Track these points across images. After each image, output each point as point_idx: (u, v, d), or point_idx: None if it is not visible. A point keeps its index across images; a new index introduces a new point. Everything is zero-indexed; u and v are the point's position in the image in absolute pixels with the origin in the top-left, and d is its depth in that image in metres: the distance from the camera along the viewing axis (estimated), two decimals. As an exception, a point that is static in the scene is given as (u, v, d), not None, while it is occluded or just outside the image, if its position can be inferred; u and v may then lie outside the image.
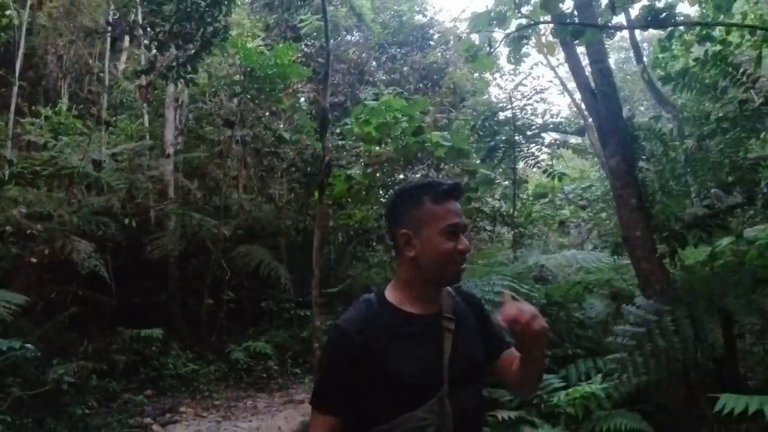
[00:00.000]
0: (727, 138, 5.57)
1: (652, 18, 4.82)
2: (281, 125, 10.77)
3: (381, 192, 9.10)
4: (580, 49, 6.28)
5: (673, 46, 7.83)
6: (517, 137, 8.44)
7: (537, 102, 8.79)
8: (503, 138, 8.33)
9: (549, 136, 10.50)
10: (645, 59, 10.12)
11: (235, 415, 6.72)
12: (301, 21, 10.78)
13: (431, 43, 12.81)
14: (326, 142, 7.05)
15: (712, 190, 4.30)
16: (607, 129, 5.64)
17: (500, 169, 9.41)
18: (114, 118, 10.51)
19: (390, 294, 1.59)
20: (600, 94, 5.69)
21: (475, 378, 1.61)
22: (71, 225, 6.96)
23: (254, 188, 11.82)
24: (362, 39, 12.56)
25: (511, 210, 8.57)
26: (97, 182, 7.84)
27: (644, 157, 5.71)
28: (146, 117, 10.82)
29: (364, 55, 12.25)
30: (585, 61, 6.09)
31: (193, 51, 6.64)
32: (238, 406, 7.09)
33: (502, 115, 8.54)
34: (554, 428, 4.32)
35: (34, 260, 6.66)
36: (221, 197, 9.73)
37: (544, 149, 8.65)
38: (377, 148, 8.04)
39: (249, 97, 9.34)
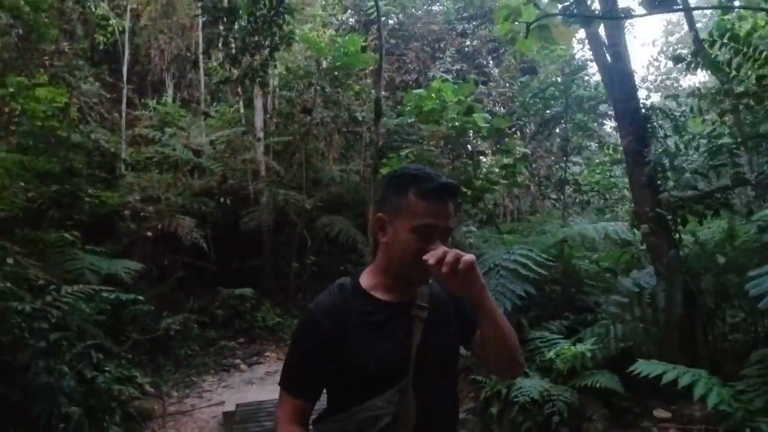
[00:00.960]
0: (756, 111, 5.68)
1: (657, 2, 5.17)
2: (360, 106, 11.71)
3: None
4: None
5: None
6: (570, 110, 8.72)
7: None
8: (553, 111, 8.67)
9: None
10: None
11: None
12: (372, 6, 11.55)
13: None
14: (379, 129, 7.97)
15: (684, 176, 4.63)
16: (621, 109, 6.00)
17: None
18: (214, 104, 12.12)
19: (365, 279, 1.57)
20: (615, 76, 6.02)
21: (446, 369, 1.58)
22: (176, 205, 8.55)
23: (344, 162, 13.00)
24: (434, 14, 13.03)
25: (562, 176, 8.87)
26: (197, 166, 9.36)
27: (661, 136, 5.97)
28: (241, 104, 12.34)
29: (439, 29, 12.74)
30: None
31: (262, 59, 7.74)
32: (315, 352, 8.43)
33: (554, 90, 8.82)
34: (542, 380, 5.02)
35: (149, 234, 8.31)
36: (302, 174, 10.95)
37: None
38: (436, 127, 8.81)
39: (320, 87, 10.40)
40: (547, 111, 8.67)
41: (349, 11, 12.54)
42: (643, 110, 5.83)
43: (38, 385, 4.32)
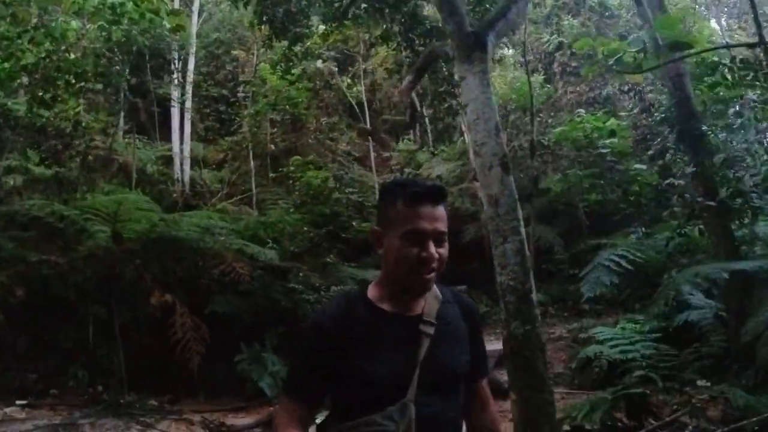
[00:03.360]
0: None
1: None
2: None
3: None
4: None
5: None
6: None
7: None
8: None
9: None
10: None
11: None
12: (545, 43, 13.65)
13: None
14: (534, 162, 10.38)
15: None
16: (683, 129, 7.42)
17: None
18: (446, 143, 15.80)
19: (371, 290, 1.58)
20: (676, 102, 7.47)
21: (452, 387, 1.55)
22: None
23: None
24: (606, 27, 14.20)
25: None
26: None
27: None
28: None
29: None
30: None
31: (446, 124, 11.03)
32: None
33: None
34: (603, 346, 7.06)
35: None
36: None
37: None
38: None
39: (510, 121, 13.15)
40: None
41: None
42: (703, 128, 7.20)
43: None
